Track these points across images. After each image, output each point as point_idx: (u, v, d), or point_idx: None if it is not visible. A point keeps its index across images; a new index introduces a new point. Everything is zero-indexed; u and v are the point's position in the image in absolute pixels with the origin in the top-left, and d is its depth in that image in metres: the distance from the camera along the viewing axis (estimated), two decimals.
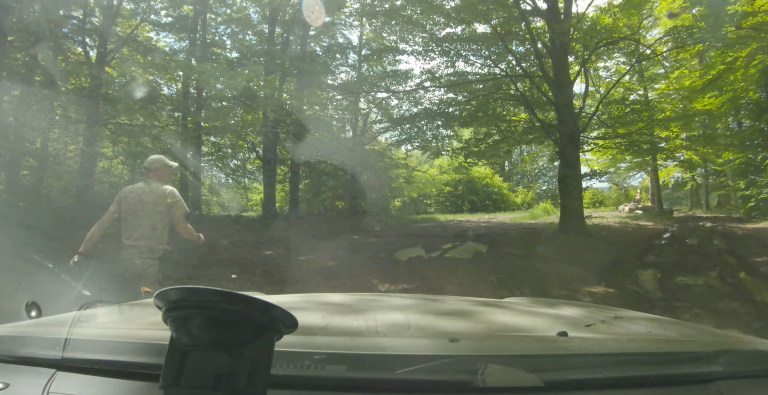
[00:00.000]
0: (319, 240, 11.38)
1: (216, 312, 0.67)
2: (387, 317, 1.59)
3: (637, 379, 0.96)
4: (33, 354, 1.02)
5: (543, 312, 1.84)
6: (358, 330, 1.38)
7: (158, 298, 0.69)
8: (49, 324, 1.31)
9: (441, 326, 1.52)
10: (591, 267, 7.69)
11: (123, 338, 1.09)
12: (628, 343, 1.22)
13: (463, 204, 32.78)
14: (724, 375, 0.98)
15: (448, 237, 12.63)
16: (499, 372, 0.87)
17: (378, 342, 1.18)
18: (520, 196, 39.27)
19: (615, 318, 1.59)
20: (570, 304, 2.09)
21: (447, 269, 8.02)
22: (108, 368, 0.96)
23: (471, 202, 33.09)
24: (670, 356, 1.06)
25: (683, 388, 0.97)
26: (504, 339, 1.29)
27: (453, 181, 33.01)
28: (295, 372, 0.88)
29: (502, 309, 1.93)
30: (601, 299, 6.15)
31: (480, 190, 34.03)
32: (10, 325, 1.26)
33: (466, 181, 33.52)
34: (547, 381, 0.88)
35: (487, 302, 2.26)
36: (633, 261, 8.36)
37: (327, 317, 1.51)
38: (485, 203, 33.91)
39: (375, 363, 0.94)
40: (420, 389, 0.91)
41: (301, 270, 8.06)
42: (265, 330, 0.69)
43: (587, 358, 1.01)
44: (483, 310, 1.88)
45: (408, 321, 1.46)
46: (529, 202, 38.69)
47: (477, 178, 34.16)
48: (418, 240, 11.71)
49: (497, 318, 1.72)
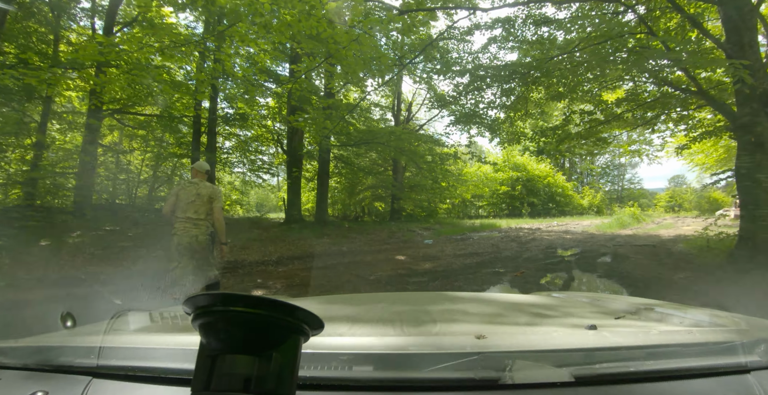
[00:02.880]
0: (338, 270, 7.44)
1: (243, 316, 0.66)
2: (412, 315, 1.63)
3: (671, 372, 0.93)
4: (69, 363, 1.05)
5: (571, 306, 1.81)
6: (383, 329, 1.36)
7: (187, 304, 0.69)
8: (84, 333, 1.35)
9: (467, 323, 1.49)
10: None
11: (154, 344, 1.11)
12: (660, 335, 1.13)
13: (522, 207, 28.05)
14: (760, 364, 0.95)
15: (537, 259, 8.44)
16: (527, 369, 0.87)
17: (404, 341, 1.12)
18: (587, 197, 34.03)
19: (645, 309, 1.58)
20: (598, 296, 2.07)
21: None
22: (141, 374, 0.98)
23: (531, 205, 28.32)
24: (704, 347, 1.01)
25: (718, 380, 0.94)
26: (531, 335, 1.20)
27: (510, 179, 28.28)
28: (323, 373, 0.89)
29: (528, 304, 1.90)
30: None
31: (541, 190, 29.17)
32: (47, 335, 1.32)
33: (525, 179, 28.73)
34: (577, 376, 0.87)
35: (513, 297, 2.54)
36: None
37: (352, 317, 1.54)
38: (547, 206, 29.10)
39: (402, 363, 0.93)
40: (447, 387, 0.89)
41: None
42: (292, 332, 0.69)
43: (618, 351, 0.98)
44: (509, 306, 1.90)
45: (434, 319, 1.50)
46: (597, 205, 33.54)
47: (537, 177, 29.31)
48: (497, 266, 7.60)
49: (524, 313, 1.70)
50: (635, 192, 43.50)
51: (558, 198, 30.00)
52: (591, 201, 33.85)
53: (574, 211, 30.60)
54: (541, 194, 29.13)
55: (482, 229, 16.55)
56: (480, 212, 29.44)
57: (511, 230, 16.08)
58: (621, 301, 1.91)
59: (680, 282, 6.25)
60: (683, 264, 7.58)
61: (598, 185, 42.54)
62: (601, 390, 0.90)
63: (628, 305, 1.71)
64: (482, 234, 14.53)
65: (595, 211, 32.34)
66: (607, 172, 46.97)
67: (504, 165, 29.15)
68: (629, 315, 1.47)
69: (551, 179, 30.06)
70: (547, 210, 28.94)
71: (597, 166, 44.98)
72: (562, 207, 30.00)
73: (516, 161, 29.34)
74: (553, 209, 29.22)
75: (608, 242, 11.42)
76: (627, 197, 41.58)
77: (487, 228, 16.92)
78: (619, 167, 47.05)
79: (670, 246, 10.27)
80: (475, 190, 23.68)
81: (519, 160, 29.73)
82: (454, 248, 10.12)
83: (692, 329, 1.21)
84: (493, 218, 25.43)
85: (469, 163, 25.48)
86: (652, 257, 8.65)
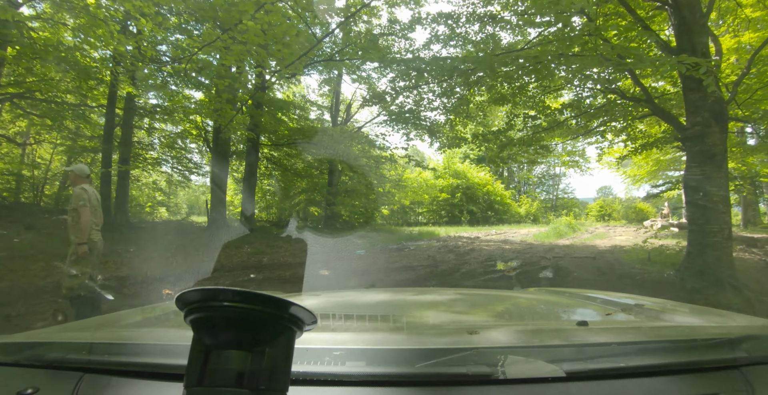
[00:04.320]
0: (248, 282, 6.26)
1: (236, 311, 0.65)
2: (405, 311, 1.66)
3: (660, 367, 0.93)
4: (61, 359, 1.03)
5: (562, 303, 1.86)
6: (376, 325, 1.38)
7: (179, 300, 0.68)
8: (75, 329, 1.40)
9: (460, 319, 1.55)
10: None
11: (146, 340, 1.14)
12: (650, 331, 1.20)
13: (462, 215, 27.77)
14: (749, 360, 0.96)
15: (475, 274, 7.71)
16: (519, 364, 0.87)
17: (397, 337, 1.16)
18: (524, 206, 34.50)
19: (635, 306, 1.59)
20: (589, 293, 2.03)
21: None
22: (133, 370, 0.98)
23: (470, 213, 28.11)
24: (693, 343, 1.03)
25: (707, 375, 0.95)
26: (523, 331, 1.25)
27: (450, 187, 27.93)
28: (316, 368, 0.88)
29: (520, 300, 1.94)
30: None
31: (480, 198, 29.05)
32: (38, 331, 1.38)
33: (464, 187, 28.49)
34: (568, 371, 0.87)
35: (505, 294, 2.44)
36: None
37: (346, 313, 1.54)
38: (486, 214, 29.03)
39: (395, 358, 0.93)
40: (440, 382, 0.89)
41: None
42: (285, 328, 0.69)
43: (608, 347, 0.99)
44: (501, 302, 1.94)
45: (426, 315, 1.57)
46: (534, 214, 34.08)
47: (477, 185, 29.19)
48: (432, 282, 6.75)
49: (516, 309, 1.75)
50: (569, 201, 44.91)
51: (497, 207, 30.04)
52: (528, 210, 34.32)
53: (512, 219, 30.77)
54: (481, 202, 29.02)
55: (420, 238, 15.80)
56: (420, 219, 28.89)
57: (449, 239, 15.44)
58: (611, 298, 1.88)
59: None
60: (628, 281, 7.06)
61: (534, 194, 43.50)
62: (592, 386, 0.90)
63: (618, 302, 1.71)
64: (420, 243, 13.75)
65: (531, 220, 32.75)
66: (543, 181, 48.28)
67: (444, 172, 28.81)
68: (619, 312, 1.52)
69: (491, 187, 30.08)
70: (486, 218, 28.86)
71: (534, 176, 46.10)
72: (501, 215, 30.07)
73: (456, 168, 29.11)
74: (492, 217, 29.20)
75: (547, 253, 10.95)
76: (561, 206, 42.80)
77: (425, 237, 16.19)
78: (554, 177, 48.57)
79: (609, 259, 9.90)
80: (413, 197, 22.98)
81: (459, 167, 29.53)
82: (387, 260, 9.19)
83: (681, 325, 1.34)
84: (432, 225, 24.90)
85: (410, 169, 24.86)
86: (594, 271, 8.14)
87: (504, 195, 31.46)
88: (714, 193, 5.98)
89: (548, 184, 48.48)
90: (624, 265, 8.72)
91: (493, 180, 31.34)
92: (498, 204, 30.11)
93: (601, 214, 38.22)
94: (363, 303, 1.90)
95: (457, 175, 28.73)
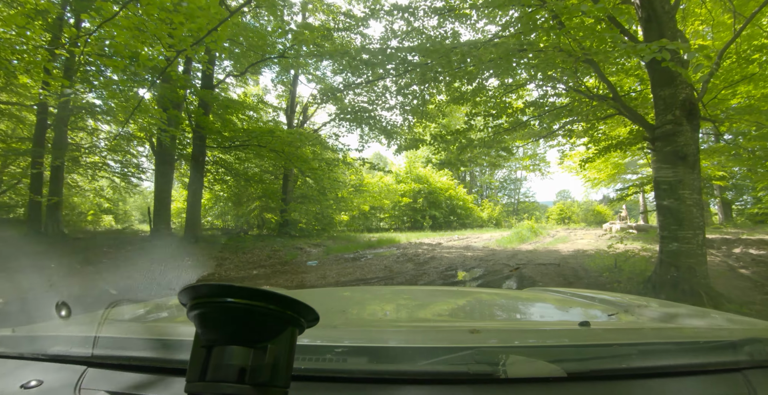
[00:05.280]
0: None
1: (239, 307, 0.65)
2: (407, 309, 1.67)
3: (662, 369, 0.93)
4: (65, 352, 1.05)
5: (564, 303, 1.81)
6: (379, 322, 1.39)
7: (182, 295, 0.68)
8: (79, 322, 1.34)
9: (461, 318, 1.56)
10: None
11: (150, 335, 1.11)
12: (652, 333, 1.18)
13: (424, 220, 27.26)
14: (751, 363, 0.95)
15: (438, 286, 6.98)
16: (520, 363, 0.86)
17: (399, 335, 1.15)
18: (486, 210, 34.38)
19: (638, 307, 1.57)
20: (592, 294, 1.99)
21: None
22: (136, 364, 0.98)
23: (433, 218, 27.65)
24: (695, 345, 1.02)
25: (709, 378, 0.94)
26: (525, 330, 1.26)
27: (412, 191, 27.39)
28: (318, 365, 0.89)
29: (522, 300, 1.92)
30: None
31: (443, 203, 28.64)
32: (42, 325, 1.35)
33: (427, 192, 28.02)
34: (569, 371, 0.86)
35: (507, 293, 2.47)
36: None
37: (348, 311, 1.57)
38: (449, 219, 28.67)
39: (396, 356, 0.93)
40: (441, 381, 0.88)
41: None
42: (288, 324, 0.69)
43: (610, 348, 0.97)
44: (503, 301, 1.90)
45: (428, 313, 1.56)
46: (496, 218, 34.02)
47: (440, 189, 28.79)
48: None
49: (518, 309, 1.72)
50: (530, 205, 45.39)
51: (459, 211, 29.72)
52: (490, 214, 34.24)
53: (475, 224, 30.55)
54: (443, 207, 28.64)
55: (380, 245, 15.07)
56: (382, 225, 28.20)
57: (410, 246, 14.77)
58: (614, 299, 1.83)
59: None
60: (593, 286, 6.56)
61: (496, 198, 43.69)
62: (593, 386, 0.89)
63: (621, 302, 1.69)
64: (379, 251, 13.01)
65: (494, 224, 32.67)
66: (505, 185, 48.71)
67: (406, 176, 28.27)
68: (622, 313, 1.47)
69: (453, 192, 29.76)
70: (449, 223, 28.50)
71: (496, 180, 46.37)
72: (463, 220, 29.78)
73: (418, 173, 28.63)
74: (455, 222, 28.86)
75: (511, 260, 10.44)
76: (522, 210, 43.19)
77: (385, 244, 15.47)
78: (515, 181, 49.08)
79: (573, 265, 9.46)
80: (373, 202, 22.23)
81: (422, 171, 29.09)
82: (339, 272, 8.38)
83: (684, 327, 1.30)
84: (394, 231, 24.27)
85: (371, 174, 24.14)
86: (561, 281, 7.62)
87: (466, 199, 31.22)
88: (687, 196, 5.52)
89: (510, 188, 49.03)
90: (590, 273, 8.26)
91: (455, 184, 31.06)
92: (460, 209, 29.81)
93: (562, 217, 38.71)
94: (365, 300, 1.86)
95: (419, 179, 28.26)
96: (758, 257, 10.32)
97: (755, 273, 8.38)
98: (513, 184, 48.86)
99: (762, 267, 9.01)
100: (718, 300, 5.31)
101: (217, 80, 14.58)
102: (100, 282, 7.58)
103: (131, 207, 33.98)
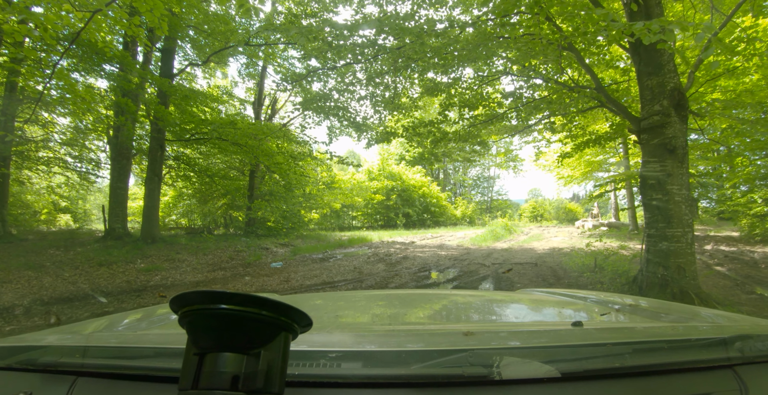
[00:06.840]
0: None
1: (231, 314, 0.64)
2: (400, 312, 1.66)
3: (655, 367, 0.92)
4: (54, 362, 1.00)
5: (557, 303, 1.81)
6: (372, 327, 1.37)
7: (174, 303, 0.67)
8: (69, 332, 1.33)
9: (455, 320, 1.53)
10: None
11: (141, 343, 1.10)
12: (644, 331, 1.18)
13: (397, 218, 26.79)
14: (741, 360, 0.96)
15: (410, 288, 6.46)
16: (514, 365, 0.85)
17: (392, 339, 1.12)
18: (460, 208, 34.19)
19: (630, 306, 1.61)
20: (584, 293, 2.01)
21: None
22: (128, 373, 0.95)
23: (406, 215, 27.20)
24: (686, 342, 1.01)
25: (701, 374, 0.94)
26: (518, 331, 1.24)
27: (385, 189, 26.87)
28: (312, 370, 0.86)
29: (515, 301, 1.92)
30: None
31: (416, 200, 28.23)
32: (31, 334, 1.27)
33: (400, 189, 27.54)
34: (563, 371, 0.85)
35: (500, 295, 2.40)
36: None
37: (341, 315, 1.55)
38: (422, 217, 28.28)
39: (390, 360, 0.91)
40: (436, 384, 0.86)
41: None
42: (280, 330, 0.68)
43: (603, 348, 0.96)
44: (496, 303, 1.90)
45: (422, 316, 1.54)
46: (470, 216, 33.87)
47: (413, 187, 28.36)
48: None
49: (511, 310, 1.72)
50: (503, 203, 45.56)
51: (433, 209, 29.40)
52: (464, 212, 34.08)
53: (448, 222, 30.31)
54: (417, 205, 28.24)
55: (351, 244, 14.49)
56: (354, 223, 27.60)
57: (382, 245, 14.24)
58: (605, 298, 1.84)
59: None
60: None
61: (470, 196, 43.66)
62: (588, 386, 0.89)
63: (613, 302, 1.70)
64: (349, 250, 12.43)
65: (467, 222, 32.53)
66: (478, 183, 48.79)
67: (379, 173, 27.74)
68: (614, 312, 1.49)
69: (426, 189, 29.40)
70: (423, 220, 28.14)
71: (469, 178, 46.34)
72: (437, 218, 29.48)
73: (392, 170, 28.14)
74: (428, 220, 28.53)
75: (486, 260, 10.04)
76: (495, 208, 43.29)
77: (356, 243, 14.90)
78: (489, 179, 49.22)
79: (551, 264, 9.12)
80: (345, 200, 21.60)
81: (395, 169, 28.61)
82: (305, 274, 7.77)
83: (676, 325, 1.28)
84: (366, 230, 23.71)
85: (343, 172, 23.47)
86: (540, 282, 7.22)
87: (440, 197, 30.93)
88: (676, 191, 5.15)
89: (483, 186, 49.13)
90: (569, 273, 7.91)
91: (429, 182, 30.71)
92: (434, 207, 29.49)
93: (534, 215, 38.96)
94: (358, 305, 1.85)
95: (392, 176, 27.78)
96: (730, 254, 10.24)
97: (732, 270, 8.21)
98: (486, 182, 48.99)
99: (737, 264, 8.88)
100: (708, 301, 4.97)
101: (178, 69, 13.70)
102: (37, 289, 6.78)
103: (92, 206, 32.24)
